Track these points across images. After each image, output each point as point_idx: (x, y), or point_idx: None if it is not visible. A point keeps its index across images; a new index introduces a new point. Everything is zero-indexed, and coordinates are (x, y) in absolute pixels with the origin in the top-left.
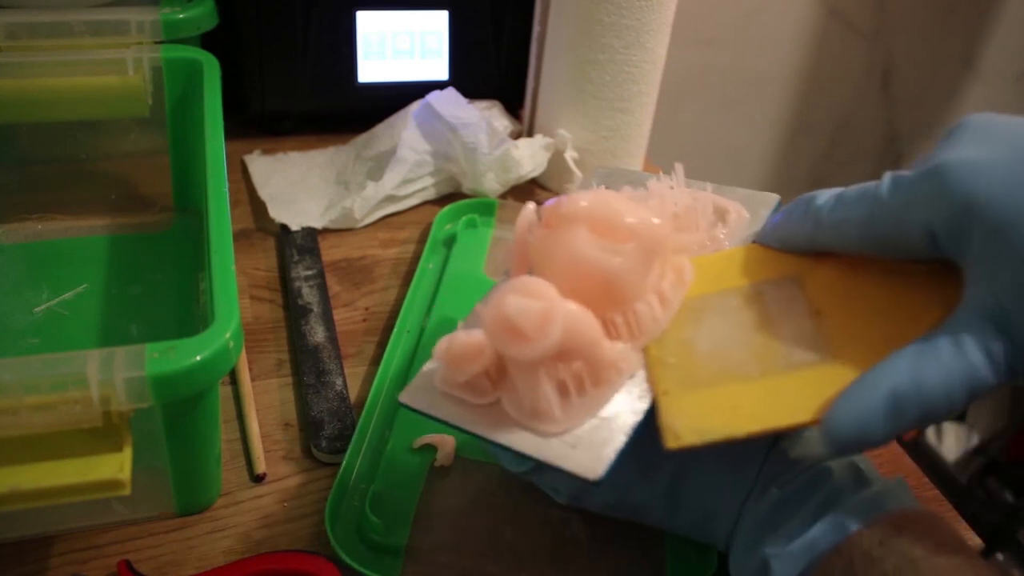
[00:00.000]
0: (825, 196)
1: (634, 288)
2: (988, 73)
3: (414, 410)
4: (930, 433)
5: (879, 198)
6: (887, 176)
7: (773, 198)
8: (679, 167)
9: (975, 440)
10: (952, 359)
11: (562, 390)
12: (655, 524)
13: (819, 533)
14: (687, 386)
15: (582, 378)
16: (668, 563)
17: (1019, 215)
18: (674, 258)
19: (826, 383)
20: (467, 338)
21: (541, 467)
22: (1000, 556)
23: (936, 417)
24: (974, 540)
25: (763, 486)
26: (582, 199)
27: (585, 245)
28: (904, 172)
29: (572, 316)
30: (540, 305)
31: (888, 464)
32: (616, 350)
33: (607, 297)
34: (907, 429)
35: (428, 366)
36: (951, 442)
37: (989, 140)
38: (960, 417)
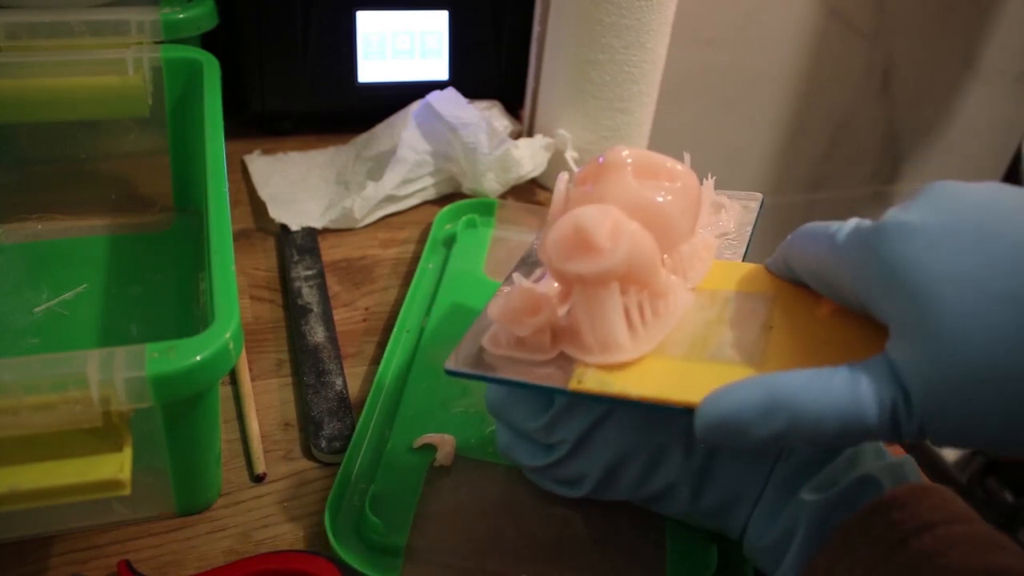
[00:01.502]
0: (823, 225)
1: (680, 229)
2: (988, 73)
3: (467, 375)
4: None
5: (833, 243)
6: (852, 223)
7: (757, 196)
8: (687, 157)
9: None
10: (839, 387)
11: (627, 319)
12: (673, 511)
13: (853, 487)
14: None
15: (643, 307)
16: (668, 563)
17: (936, 282)
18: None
19: (724, 378)
20: (528, 289)
21: (584, 443)
22: None
23: (802, 437)
24: None
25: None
26: (622, 150)
27: (634, 185)
28: (866, 223)
29: (638, 233)
30: (611, 216)
31: None
32: (672, 281)
33: (656, 236)
34: (772, 439)
35: (470, 334)
36: None
37: (937, 205)
38: None
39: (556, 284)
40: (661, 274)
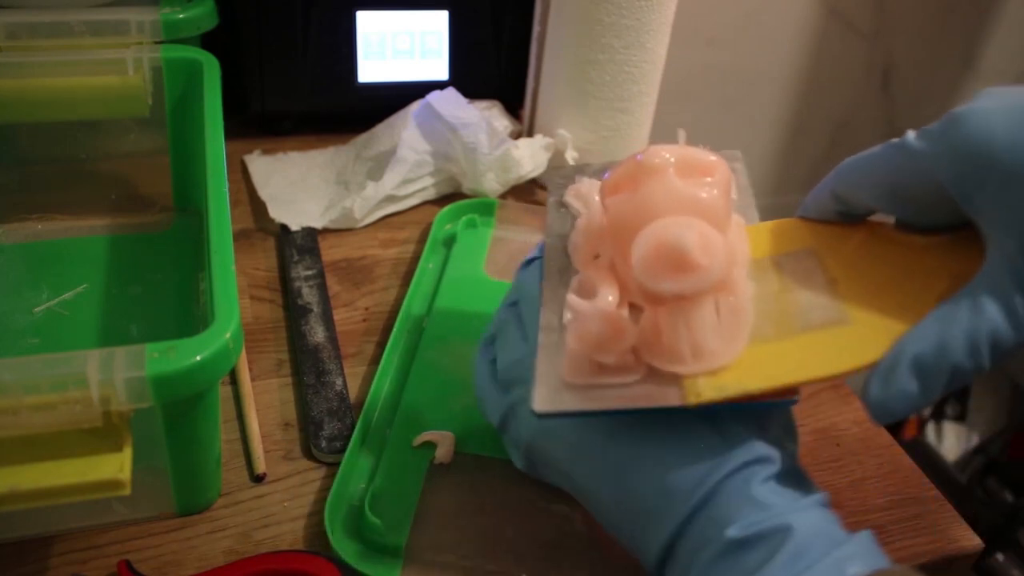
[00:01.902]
0: (874, 149)
1: (727, 220)
2: (988, 73)
3: (568, 415)
4: (930, 433)
5: (908, 150)
6: (909, 133)
7: (737, 155)
8: (681, 133)
9: (975, 440)
10: (971, 319)
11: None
12: (598, 515)
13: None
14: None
15: (719, 306)
16: None
17: None
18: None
19: (838, 344)
20: (606, 314)
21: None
22: (1000, 556)
23: (967, 375)
24: (974, 540)
25: (712, 518)
26: (663, 150)
27: (681, 186)
28: (929, 126)
29: (724, 242)
30: (697, 229)
31: (888, 464)
32: (742, 275)
33: None
34: (941, 390)
35: (541, 368)
36: (951, 442)
37: (1005, 96)
38: (960, 417)
39: (611, 297)
40: (737, 274)
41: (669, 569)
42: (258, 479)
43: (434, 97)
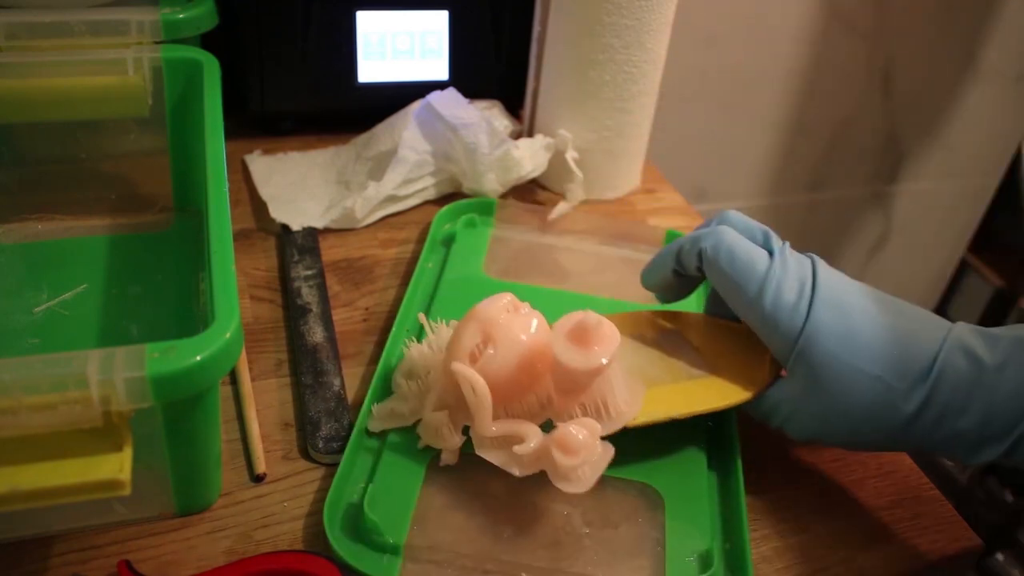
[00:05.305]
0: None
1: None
2: (988, 73)
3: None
4: None
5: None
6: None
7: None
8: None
9: None
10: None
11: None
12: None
13: None
14: None
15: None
16: (667, 558)
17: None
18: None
19: (714, 387)
20: (535, 450)
21: None
22: (1000, 556)
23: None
24: (974, 540)
25: None
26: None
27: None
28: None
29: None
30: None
31: (888, 464)
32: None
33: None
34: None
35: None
36: None
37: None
38: None
39: (533, 443)
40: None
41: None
42: (258, 479)
43: (434, 97)
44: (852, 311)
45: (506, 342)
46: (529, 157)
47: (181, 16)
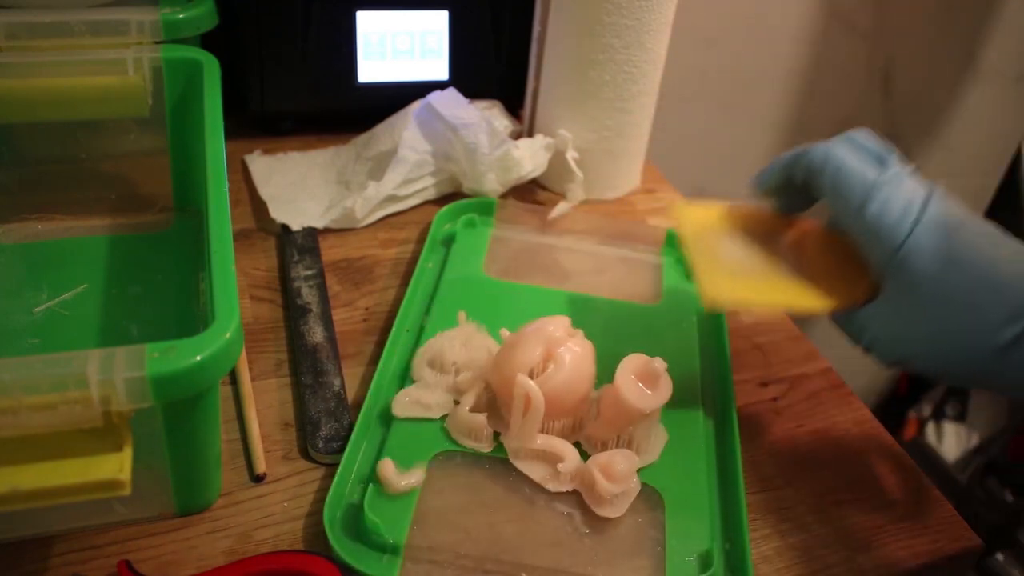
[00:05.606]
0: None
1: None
2: (988, 73)
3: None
4: (930, 433)
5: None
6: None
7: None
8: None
9: (975, 440)
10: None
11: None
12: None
13: None
14: (723, 275)
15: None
16: (667, 558)
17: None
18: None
19: (807, 291)
20: (576, 468)
21: None
22: (1000, 556)
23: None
24: (974, 540)
25: None
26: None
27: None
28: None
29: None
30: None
31: (888, 464)
32: None
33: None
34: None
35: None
36: (951, 442)
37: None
38: (960, 417)
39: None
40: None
41: None
42: (258, 479)
43: (434, 97)
44: (960, 238)
45: (568, 365)
46: (529, 157)
47: (181, 16)
